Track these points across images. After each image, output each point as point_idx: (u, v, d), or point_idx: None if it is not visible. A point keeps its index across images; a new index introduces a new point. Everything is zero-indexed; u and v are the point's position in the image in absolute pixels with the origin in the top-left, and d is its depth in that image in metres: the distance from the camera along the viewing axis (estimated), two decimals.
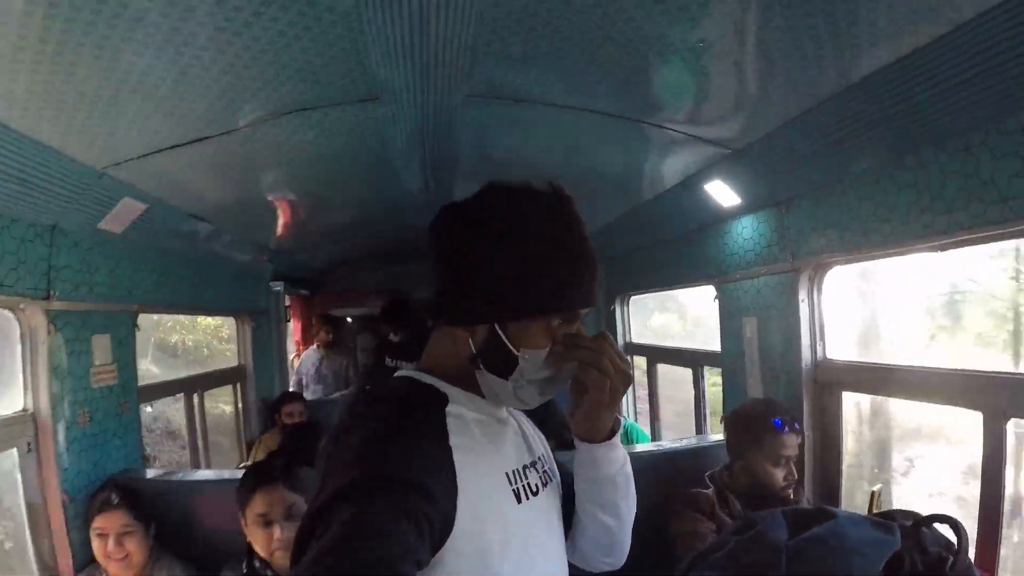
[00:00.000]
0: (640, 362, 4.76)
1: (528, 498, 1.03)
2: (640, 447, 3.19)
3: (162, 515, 2.27)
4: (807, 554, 1.55)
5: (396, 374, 1.11)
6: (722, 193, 2.75)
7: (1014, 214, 1.58)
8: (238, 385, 4.62)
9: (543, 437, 1.27)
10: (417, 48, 1.62)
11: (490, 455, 1.01)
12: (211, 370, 4.39)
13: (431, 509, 0.83)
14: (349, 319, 6.62)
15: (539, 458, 1.15)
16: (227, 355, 4.77)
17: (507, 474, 1.02)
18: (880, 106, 1.74)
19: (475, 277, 1.01)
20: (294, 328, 6.04)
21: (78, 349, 2.37)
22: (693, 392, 3.92)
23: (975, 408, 1.94)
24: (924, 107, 1.66)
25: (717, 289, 3.27)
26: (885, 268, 2.87)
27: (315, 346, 5.61)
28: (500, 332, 1.00)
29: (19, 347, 2.23)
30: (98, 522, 2.12)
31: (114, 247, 2.56)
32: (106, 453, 2.53)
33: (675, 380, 4.52)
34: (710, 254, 3.25)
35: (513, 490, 1.01)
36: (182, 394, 3.85)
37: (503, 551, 0.94)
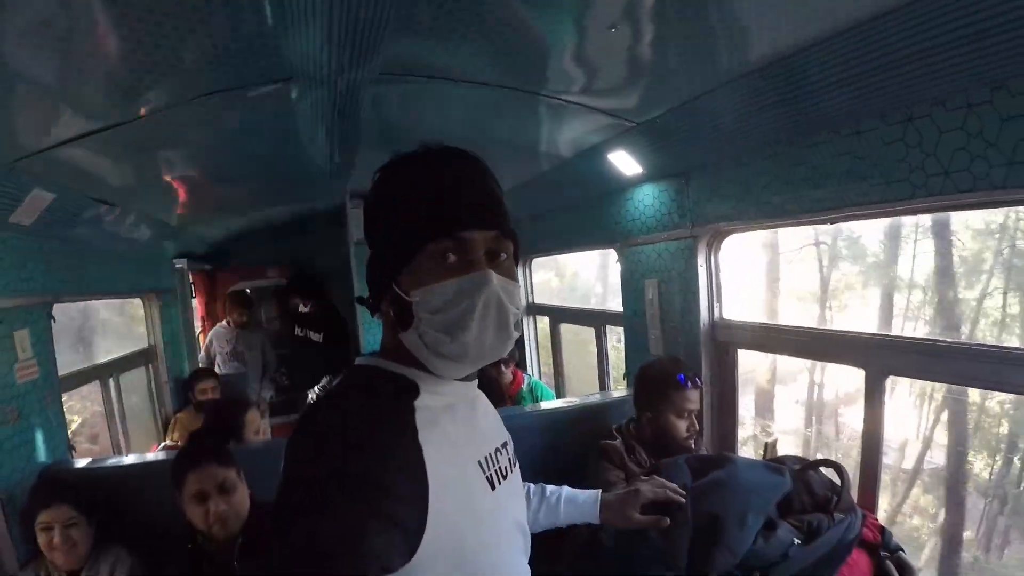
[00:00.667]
0: (543, 322, 4.98)
1: (499, 483, 1.03)
2: (555, 403, 3.37)
3: (97, 502, 2.30)
4: (709, 495, 1.75)
5: (357, 362, 1.09)
6: (625, 163, 2.87)
7: (894, 195, 1.76)
8: (149, 366, 4.57)
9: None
10: (327, 23, 1.60)
11: (462, 446, 1.00)
12: (124, 354, 4.28)
13: (401, 510, 0.83)
14: (248, 291, 6.52)
15: (507, 440, 1.16)
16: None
17: (480, 462, 1.01)
18: (777, 90, 1.86)
19: (374, 254, 1.05)
20: (198, 304, 5.88)
21: (0, 347, 2.35)
22: (596, 350, 4.12)
23: (859, 366, 2.13)
24: (818, 93, 1.80)
25: (619, 253, 3.43)
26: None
27: (225, 323, 5.46)
28: (395, 286, 0.98)
29: None
30: (43, 517, 2.14)
31: (24, 241, 2.53)
32: (36, 447, 2.52)
33: (580, 341, 4.80)
34: (613, 219, 3.39)
35: (486, 477, 1.01)
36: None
37: (478, 540, 0.94)
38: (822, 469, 1.96)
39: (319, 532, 0.76)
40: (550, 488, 1.48)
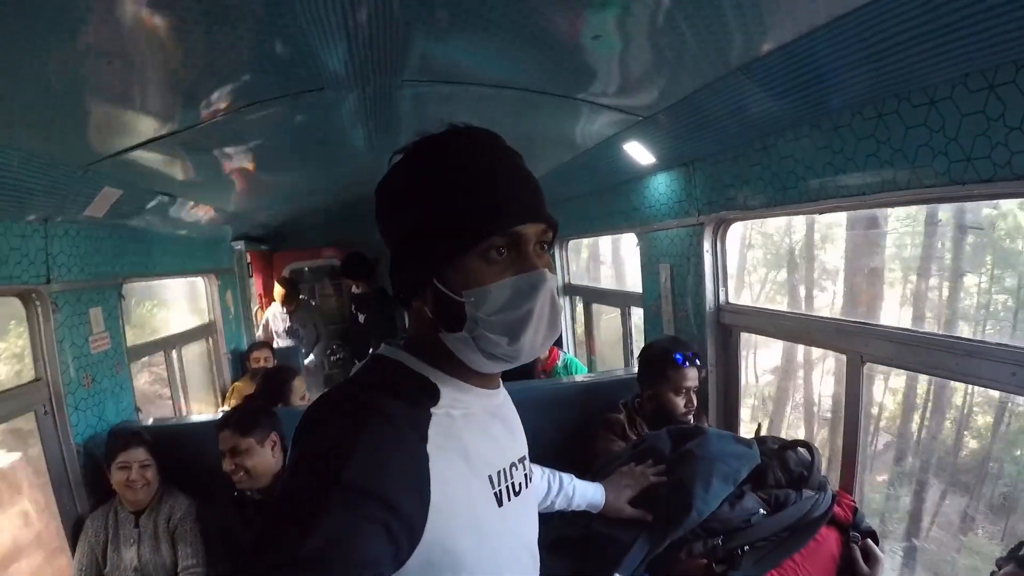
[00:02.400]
0: (577, 302, 5.19)
1: (510, 499, 0.98)
2: (577, 377, 3.62)
3: (161, 453, 2.65)
4: (680, 462, 1.90)
5: (381, 351, 1.03)
6: (639, 153, 2.99)
7: (872, 190, 1.88)
8: (209, 339, 4.97)
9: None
10: (352, 30, 1.73)
11: (473, 458, 0.93)
12: (186, 329, 4.71)
13: (393, 519, 0.79)
14: (306, 269, 6.88)
15: (525, 453, 1.11)
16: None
17: (490, 476, 0.96)
18: (769, 86, 1.95)
19: (404, 244, 0.96)
20: (256, 282, 6.27)
21: (77, 322, 2.71)
22: (621, 329, 4.30)
23: (841, 352, 2.27)
24: (808, 88, 1.88)
25: (638, 237, 3.60)
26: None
27: (274, 309, 5.82)
28: (439, 284, 0.92)
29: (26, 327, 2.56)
30: (122, 457, 2.51)
31: (97, 230, 2.86)
32: (107, 408, 2.90)
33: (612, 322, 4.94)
34: (634, 205, 3.55)
35: (495, 492, 0.95)
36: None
37: (477, 557, 0.90)
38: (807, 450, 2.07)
39: (308, 538, 0.72)
40: (566, 477, 1.61)
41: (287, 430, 2.39)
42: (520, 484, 1.02)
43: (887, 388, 5.27)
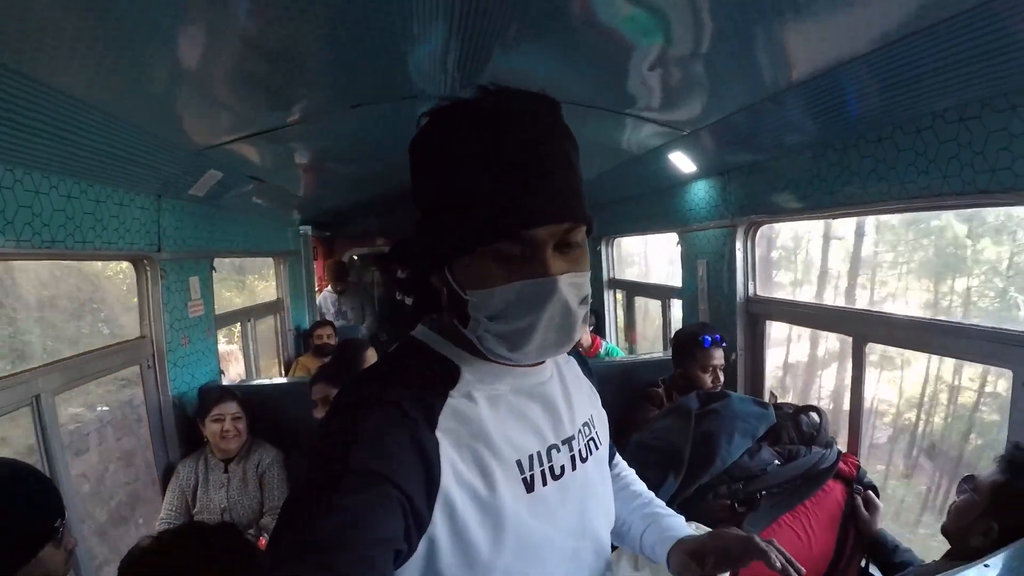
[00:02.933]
0: (621, 295, 5.52)
1: (546, 483, 0.92)
2: (618, 358, 3.99)
3: (246, 412, 3.03)
4: (707, 418, 2.20)
5: (413, 333, 1.02)
6: (682, 162, 3.31)
7: (909, 195, 2.06)
8: (277, 315, 5.38)
9: (594, 393, 1.17)
10: (446, 54, 2.05)
11: (497, 443, 0.88)
12: (260, 303, 5.12)
13: (404, 499, 0.77)
14: (355, 257, 7.28)
15: (580, 430, 1.03)
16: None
17: (519, 461, 0.90)
18: (804, 108, 2.20)
19: (422, 222, 0.91)
20: (318, 266, 6.65)
21: (179, 288, 3.08)
22: (662, 319, 4.65)
23: (848, 335, 2.62)
24: (844, 109, 2.09)
25: (679, 236, 3.92)
26: None
27: (329, 288, 6.30)
28: (448, 274, 0.88)
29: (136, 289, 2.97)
30: (216, 410, 2.87)
31: (197, 207, 3.23)
32: (199, 368, 3.32)
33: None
34: (675, 208, 3.89)
35: (524, 478, 0.90)
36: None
37: (495, 546, 0.85)
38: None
39: (326, 519, 0.71)
40: (657, 503, 1.28)
41: None
42: (564, 466, 0.95)
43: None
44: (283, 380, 3.57)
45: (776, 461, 2.13)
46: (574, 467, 0.98)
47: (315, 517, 0.71)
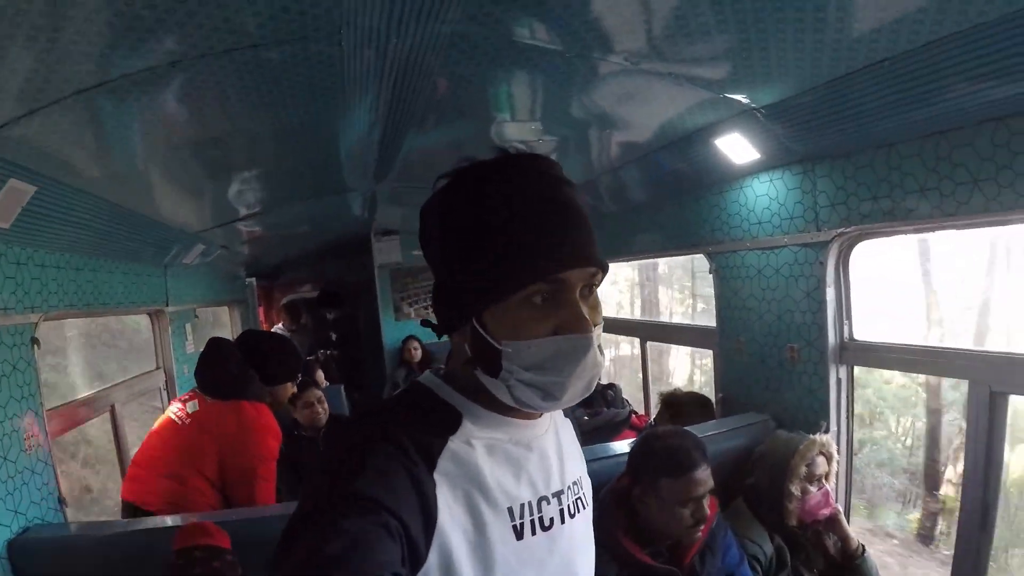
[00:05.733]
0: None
1: (535, 533, 0.93)
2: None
3: None
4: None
5: (421, 379, 1.01)
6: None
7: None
8: None
9: (583, 459, 1.15)
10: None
11: (491, 489, 0.89)
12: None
13: (404, 531, 0.78)
14: (297, 304, 8.30)
15: (569, 486, 1.03)
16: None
17: (511, 509, 0.90)
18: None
19: (443, 275, 0.93)
20: (260, 311, 7.60)
21: (178, 332, 4.12)
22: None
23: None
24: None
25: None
26: None
27: (280, 326, 7.26)
28: (476, 325, 0.88)
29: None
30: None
31: (187, 273, 4.30)
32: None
33: None
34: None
35: (514, 525, 0.90)
36: None
37: None
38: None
39: (331, 541, 0.71)
40: None
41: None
42: (553, 519, 0.96)
43: None
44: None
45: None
46: (563, 521, 0.98)
47: (321, 540, 0.72)
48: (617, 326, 4.92)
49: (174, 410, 2.69)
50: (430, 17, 1.63)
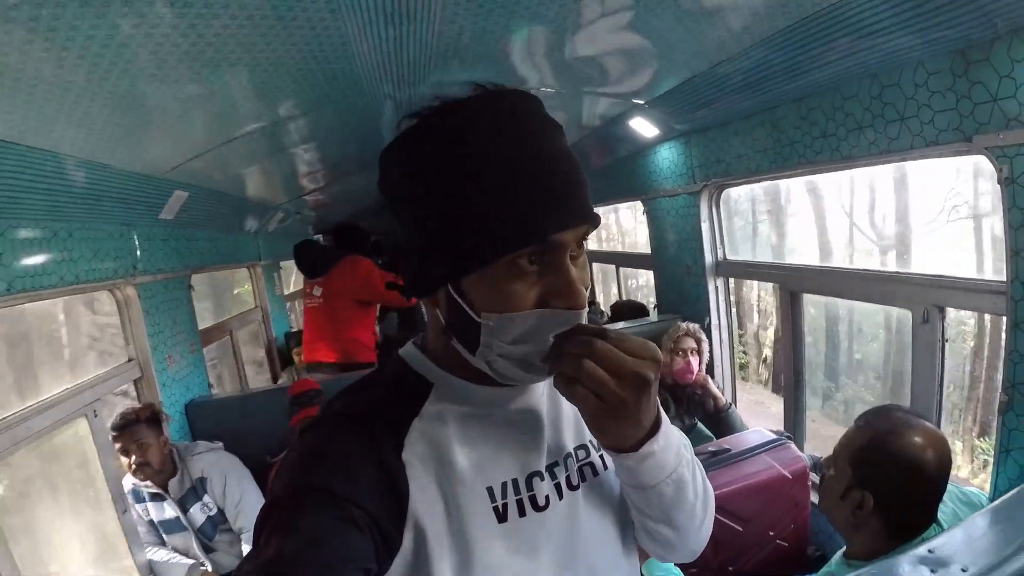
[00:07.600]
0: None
1: (524, 514, 0.85)
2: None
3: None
4: None
5: (401, 351, 0.94)
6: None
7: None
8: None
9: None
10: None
11: (463, 469, 0.83)
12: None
13: (371, 521, 0.74)
14: None
15: (570, 453, 0.94)
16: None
17: (490, 489, 0.84)
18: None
19: (413, 233, 0.80)
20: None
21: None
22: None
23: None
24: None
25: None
26: None
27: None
28: (453, 293, 0.78)
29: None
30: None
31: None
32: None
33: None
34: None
35: (495, 507, 0.83)
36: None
37: (465, 574, 0.79)
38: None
39: (287, 539, 0.70)
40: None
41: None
42: (549, 496, 0.87)
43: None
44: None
45: None
46: (560, 496, 0.89)
47: (281, 536, 0.70)
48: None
49: (308, 303, 4.07)
50: None
